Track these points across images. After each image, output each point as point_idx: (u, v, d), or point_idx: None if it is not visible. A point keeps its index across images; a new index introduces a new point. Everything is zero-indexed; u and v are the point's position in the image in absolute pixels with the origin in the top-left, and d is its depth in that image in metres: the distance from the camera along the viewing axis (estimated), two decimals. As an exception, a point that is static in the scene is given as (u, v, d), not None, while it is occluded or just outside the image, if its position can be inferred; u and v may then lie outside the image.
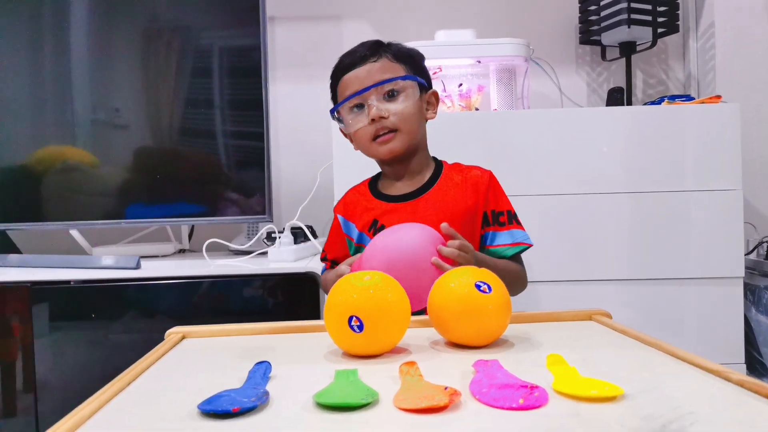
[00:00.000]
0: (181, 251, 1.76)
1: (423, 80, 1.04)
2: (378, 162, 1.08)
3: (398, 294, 0.64)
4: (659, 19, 1.70)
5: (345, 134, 1.09)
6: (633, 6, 1.67)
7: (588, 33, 1.81)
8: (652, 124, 1.45)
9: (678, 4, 1.73)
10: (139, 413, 0.49)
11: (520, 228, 1.03)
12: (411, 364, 0.57)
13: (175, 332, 0.75)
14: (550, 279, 1.46)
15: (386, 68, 1.00)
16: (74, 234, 1.63)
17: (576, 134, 1.47)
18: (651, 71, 1.95)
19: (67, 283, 1.35)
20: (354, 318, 0.61)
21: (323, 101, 1.18)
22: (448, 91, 1.70)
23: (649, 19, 1.69)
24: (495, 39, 1.64)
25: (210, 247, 1.53)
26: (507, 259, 1.02)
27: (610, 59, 1.86)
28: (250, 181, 1.59)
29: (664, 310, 1.45)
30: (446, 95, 1.70)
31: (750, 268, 1.55)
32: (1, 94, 1.61)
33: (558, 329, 0.75)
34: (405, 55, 1.03)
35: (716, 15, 1.80)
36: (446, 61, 1.67)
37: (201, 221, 1.62)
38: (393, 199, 1.04)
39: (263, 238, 1.60)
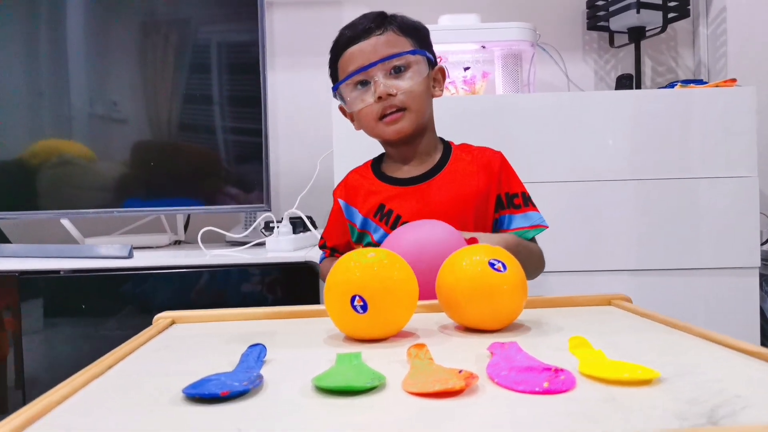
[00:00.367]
0: (177, 243, 1.71)
1: (430, 55, 0.99)
2: (383, 143, 1.02)
3: (405, 272, 0.58)
4: (669, 3, 1.65)
5: (345, 113, 1.03)
6: (642, -11, 1.62)
7: (595, 18, 1.76)
8: (664, 108, 1.40)
9: (689, -13, 1.68)
10: (116, 399, 0.44)
11: (535, 210, 0.98)
12: (420, 346, 0.52)
13: (163, 317, 0.69)
14: (557, 269, 1.40)
15: (392, 42, 0.94)
16: (66, 224, 1.57)
17: (584, 119, 1.41)
18: (660, 59, 1.90)
19: (57, 272, 1.30)
20: (357, 297, 0.55)
21: (323, 89, 1.13)
22: (452, 77, 1.65)
23: (659, 2, 1.64)
24: (500, 23, 1.58)
25: (206, 239, 1.48)
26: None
27: (618, 45, 1.81)
28: (247, 170, 1.54)
29: (676, 301, 1.39)
30: (450, 82, 1.64)
31: (766, 260, 1.50)
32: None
33: (575, 314, 0.70)
34: (411, 28, 0.97)
35: (728, 0, 1.74)
36: (450, 46, 1.61)
37: (197, 210, 1.57)
38: (401, 182, 0.99)
39: (261, 229, 1.54)
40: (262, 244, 1.49)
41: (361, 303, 0.55)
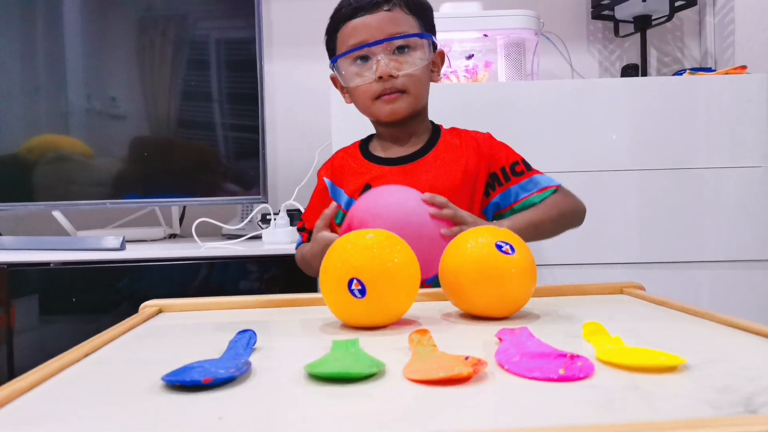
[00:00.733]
0: (172, 236, 1.67)
1: (434, 39, 0.95)
2: (374, 122, 0.99)
3: (406, 254, 0.55)
4: (676, -10, 1.61)
5: (336, 84, 0.99)
6: (649, -24, 1.58)
7: (600, 7, 1.71)
8: (672, 96, 1.35)
9: (695, -27, 1.64)
10: (89, 387, 0.40)
11: (539, 173, 0.95)
12: (423, 332, 0.48)
13: (150, 305, 0.65)
14: (559, 262, 1.36)
15: (399, 20, 0.91)
16: (59, 217, 1.53)
17: (588, 108, 1.37)
18: (665, 49, 1.86)
19: (47, 265, 1.26)
20: (355, 281, 0.52)
21: (322, 79, 1.08)
22: (454, 67, 1.61)
23: (665, -10, 1.60)
24: (503, 11, 1.54)
25: (202, 232, 1.44)
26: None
27: (624, 35, 1.77)
28: (244, 162, 1.50)
29: (681, 295, 1.34)
30: (451, 71, 1.60)
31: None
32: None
33: (587, 302, 0.66)
34: (419, 7, 0.93)
35: (736, -12, 1.70)
36: (452, 34, 1.57)
37: (192, 202, 1.53)
38: (387, 162, 0.96)
39: (258, 221, 1.51)
40: (258, 236, 1.45)
41: (359, 287, 0.51)
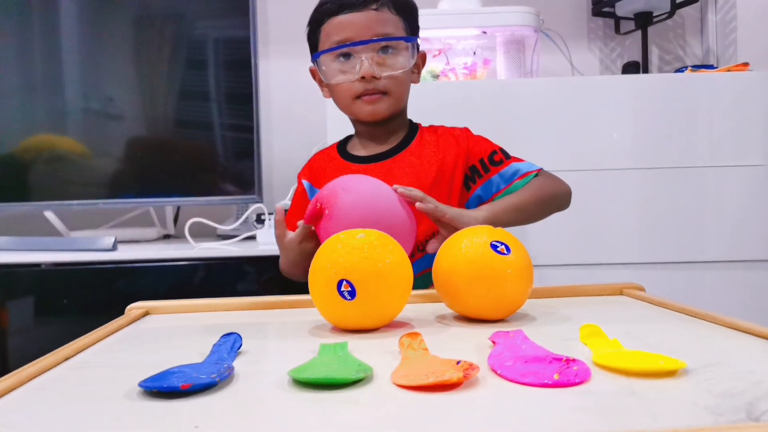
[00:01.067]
0: (166, 237, 1.65)
1: (419, 41, 0.94)
2: (353, 120, 0.98)
3: (398, 255, 0.53)
4: (678, -14, 1.59)
5: (315, 77, 0.97)
6: (650, -29, 1.56)
7: (601, 4, 1.70)
8: (674, 94, 1.34)
9: (697, -31, 1.62)
10: (64, 393, 0.38)
11: (519, 161, 0.93)
12: (414, 335, 0.47)
13: (136, 307, 0.64)
14: (558, 263, 1.34)
15: (387, 21, 0.89)
16: (51, 218, 1.51)
17: (589, 105, 1.35)
18: (667, 46, 1.84)
19: (38, 266, 1.24)
20: (344, 282, 0.50)
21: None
22: (452, 64, 1.59)
23: (667, -15, 1.58)
24: (502, 7, 1.53)
25: (197, 233, 1.42)
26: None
27: (625, 32, 1.75)
28: (239, 160, 1.48)
29: (683, 295, 1.33)
30: (450, 69, 1.59)
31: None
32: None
33: (584, 304, 0.64)
34: (406, 7, 0.92)
35: (737, -15, 1.68)
36: (450, 31, 1.56)
37: (186, 202, 1.51)
38: (364, 160, 0.95)
39: (253, 221, 1.49)
40: (253, 237, 1.43)
41: (349, 288, 0.50)
